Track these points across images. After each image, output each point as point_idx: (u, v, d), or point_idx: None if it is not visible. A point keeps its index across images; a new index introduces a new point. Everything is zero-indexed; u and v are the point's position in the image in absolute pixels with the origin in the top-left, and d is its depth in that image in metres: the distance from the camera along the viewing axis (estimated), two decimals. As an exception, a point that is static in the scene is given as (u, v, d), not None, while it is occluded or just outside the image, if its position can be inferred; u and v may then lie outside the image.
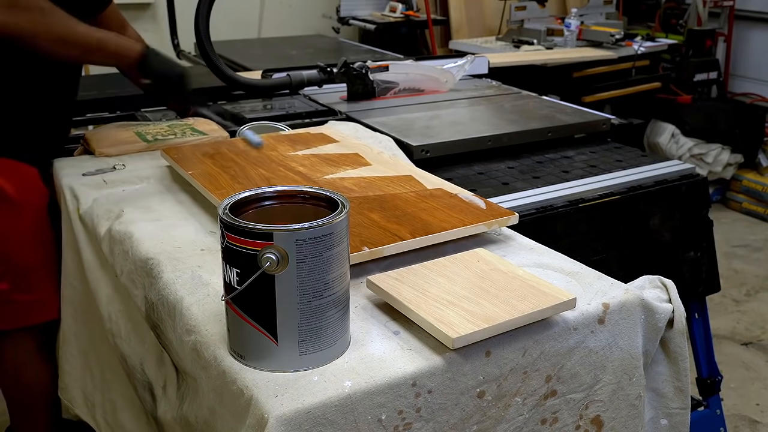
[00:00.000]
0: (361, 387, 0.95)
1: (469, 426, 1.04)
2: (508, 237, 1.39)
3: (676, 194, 1.92)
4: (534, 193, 1.78)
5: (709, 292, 2.09)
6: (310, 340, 0.97)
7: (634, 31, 4.62)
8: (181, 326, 1.12)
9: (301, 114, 2.20)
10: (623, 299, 1.17)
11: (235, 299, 0.97)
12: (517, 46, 4.08)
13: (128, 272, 1.34)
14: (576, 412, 1.14)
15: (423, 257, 1.23)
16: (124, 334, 1.41)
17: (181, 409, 1.17)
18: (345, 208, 0.98)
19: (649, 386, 1.24)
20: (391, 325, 1.09)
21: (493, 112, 2.36)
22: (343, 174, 1.57)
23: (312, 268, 0.94)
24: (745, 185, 4.65)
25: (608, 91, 4.04)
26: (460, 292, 1.10)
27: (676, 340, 1.24)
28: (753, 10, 5.17)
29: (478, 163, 1.99)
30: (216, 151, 1.68)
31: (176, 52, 3.53)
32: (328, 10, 4.87)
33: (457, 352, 1.01)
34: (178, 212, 1.49)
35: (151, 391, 1.31)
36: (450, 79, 2.55)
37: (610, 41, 4.00)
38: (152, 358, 1.30)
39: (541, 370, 1.09)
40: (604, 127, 2.25)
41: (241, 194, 1.03)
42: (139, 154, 1.80)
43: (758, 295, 3.59)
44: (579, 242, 1.77)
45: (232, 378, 0.98)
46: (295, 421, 0.90)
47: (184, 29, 2.84)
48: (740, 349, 3.12)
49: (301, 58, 3.24)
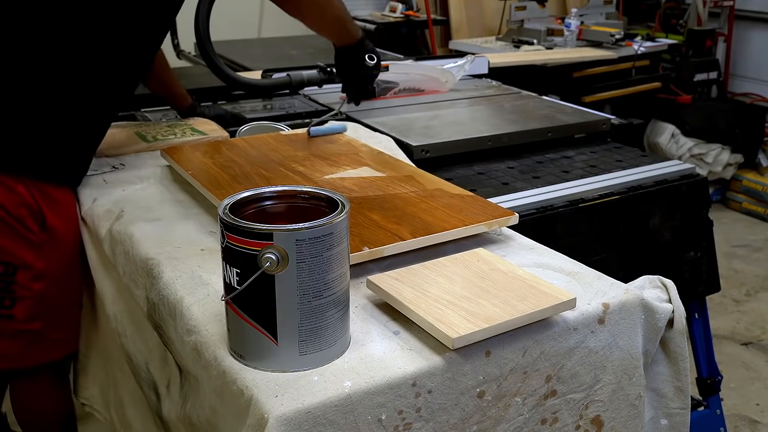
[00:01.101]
0: (361, 387, 0.95)
1: (469, 426, 1.04)
2: (508, 237, 1.39)
3: (676, 194, 1.92)
4: (534, 193, 1.78)
5: (709, 292, 2.09)
6: (310, 340, 0.97)
7: (634, 31, 4.63)
8: (181, 326, 1.12)
9: (301, 114, 2.20)
10: (623, 299, 1.17)
11: (235, 299, 0.97)
12: (517, 46, 4.08)
13: (129, 272, 1.34)
14: (576, 412, 1.14)
15: (423, 257, 1.23)
16: (129, 334, 1.41)
17: (185, 408, 1.17)
18: (345, 208, 0.98)
19: (649, 386, 1.24)
20: (391, 325, 1.09)
21: (493, 112, 2.36)
22: (343, 174, 1.57)
23: (312, 268, 0.94)
24: (745, 185, 4.65)
25: (608, 91, 4.04)
26: (460, 292, 1.10)
27: (676, 340, 1.24)
28: (753, 10, 5.17)
29: (478, 163, 1.99)
30: (216, 151, 1.68)
31: (176, 52, 3.52)
32: (328, 10, 4.86)
33: (457, 352, 1.01)
34: (178, 212, 1.49)
35: (155, 390, 1.31)
36: (450, 79, 2.55)
37: (610, 41, 4.00)
38: (156, 358, 1.30)
39: (541, 370, 1.09)
40: (604, 127, 2.25)
41: (241, 194, 1.03)
42: (139, 154, 1.80)
43: (758, 295, 3.59)
44: (579, 242, 1.77)
45: (232, 378, 0.98)
46: (295, 421, 0.90)
47: (184, 29, 2.83)
48: (740, 349, 3.12)
49: (301, 58, 3.24)
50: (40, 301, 1.57)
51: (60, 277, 1.58)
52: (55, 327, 1.62)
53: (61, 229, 1.55)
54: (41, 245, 1.53)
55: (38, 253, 1.54)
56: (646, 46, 4.18)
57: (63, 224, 1.55)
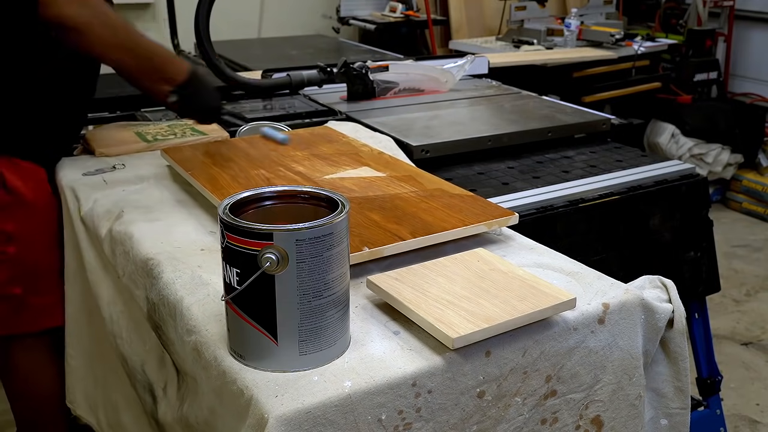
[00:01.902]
0: (361, 387, 0.95)
1: (469, 426, 1.04)
2: (508, 237, 1.39)
3: (676, 194, 1.92)
4: (534, 193, 1.78)
5: (709, 292, 2.09)
6: (310, 340, 0.97)
7: (634, 31, 4.62)
8: (181, 326, 1.12)
9: (301, 114, 2.20)
10: (623, 299, 1.17)
11: (235, 299, 0.97)
12: (517, 46, 4.08)
13: (129, 273, 1.34)
14: (576, 412, 1.14)
15: (423, 257, 1.23)
16: (125, 336, 1.41)
17: (182, 410, 1.17)
18: (345, 208, 0.98)
19: (649, 386, 1.24)
20: (391, 325, 1.09)
21: (493, 112, 2.36)
22: (343, 174, 1.57)
23: (312, 268, 0.94)
24: (745, 185, 4.65)
25: (608, 91, 4.04)
26: (460, 292, 1.10)
27: (676, 340, 1.24)
28: (753, 10, 5.17)
29: (478, 163, 1.99)
30: (216, 151, 1.68)
31: (176, 52, 3.53)
32: (328, 10, 4.87)
33: (457, 352, 1.01)
34: (178, 212, 1.49)
35: (151, 392, 1.31)
36: (450, 79, 2.55)
37: (610, 41, 4.00)
38: (153, 359, 1.30)
39: (541, 370, 1.09)
40: (604, 127, 2.25)
41: (241, 194, 1.03)
42: (139, 154, 1.80)
43: (758, 295, 3.59)
44: (579, 242, 1.77)
45: (232, 378, 0.98)
46: (295, 421, 0.90)
47: (184, 29, 2.84)
48: (740, 349, 3.12)
49: (301, 58, 3.24)
50: (17, 265, 1.65)
51: (34, 241, 1.66)
52: (36, 292, 1.68)
53: (27, 192, 1.64)
54: (7, 207, 1.62)
55: (4, 214, 1.62)
56: (646, 46, 4.18)
57: (28, 188, 1.64)
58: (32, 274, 1.68)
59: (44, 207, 1.68)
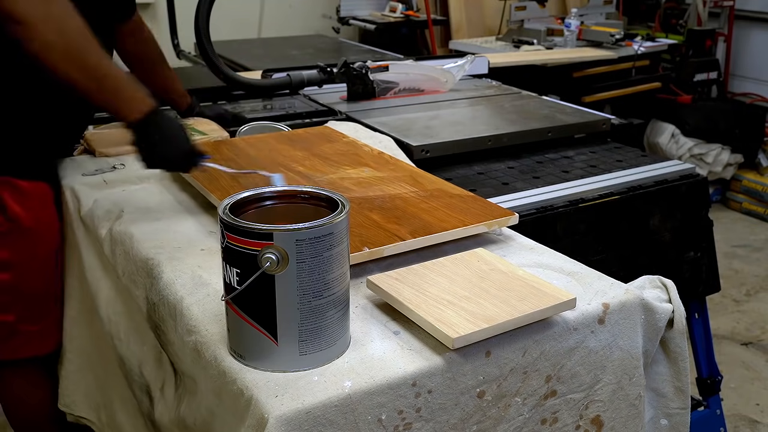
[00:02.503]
0: (361, 387, 0.95)
1: (469, 426, 1.04)
2: (508, 237, 1.39)
3: (676, 194, 1.92)
4: (534, 193, 1.78)
5: (709, 292, 2.09)
6: (310, 340, 0.97)
7: (634, 31, 4.62)
8: (181, 326, 1.12)
9: (301, 114, 2.20)
10: (623, 299, 1.17)
11: (235, 299, 0.97)
12: (517, 46, 4.08)
13: (129, 273, 1.34)
14: (576, 412, 1.14)
15: (423, 257, 1.24)
16: (123, 336, 1.41)
17: (179, 411, 1.17)
18: (345, 208, 0.98)
19: (649, 386, 1.24)
20: (391, 325, 1.09)
21: (493, 112, 2.36)
22: (343, 174, 1.57)
23: (312, 268, 0.94)
24: (745, 185, 4.65)
25: (608, 91, 4.04)
26: (460, 292, 1.10)
27: (676, 340, 1.24)
28: (753, 10, 5.17)
29: (478, 163, 1.99)
30: (216, 151, 1.68)
31: (176, 52, 3.53)
32: (328, 10, 4.87)
33: (457, 352, 1.01)
34: (178, 212, 1.49)
35: (148, 393, 1.31)
36: (450, 79, 2.55)
37: (610, 41, 4.00)
38: (151, 360, 1.30)
39: (541, 370, 1.09)
40: (604, 127, 2.25)
41: (241, 194, 1.03)
42: (140, 154, 1.80)
43: (758, 295, 3.59)
44: (579, 242, 1.77)
45: (232, 378, 0.98)
46: (295, 421, 0.90)
47: (184, 29, 2.84)
48: (740, 349, 3.12)
49: (301, 58, 3.24)
50: (11, 292, 1.60)
51: (30, 268, 1.61)
52: (29, 319, 1.64)
53: (28, 219, 1.58)
54: (6, 234, 1.57)
55: (2, 242, 1.57)
56: (646, 46, 4.18)
57: (30, 215, 1.58)
58: (26, 300, 1.63)
59: (44, 231, 1.62)
